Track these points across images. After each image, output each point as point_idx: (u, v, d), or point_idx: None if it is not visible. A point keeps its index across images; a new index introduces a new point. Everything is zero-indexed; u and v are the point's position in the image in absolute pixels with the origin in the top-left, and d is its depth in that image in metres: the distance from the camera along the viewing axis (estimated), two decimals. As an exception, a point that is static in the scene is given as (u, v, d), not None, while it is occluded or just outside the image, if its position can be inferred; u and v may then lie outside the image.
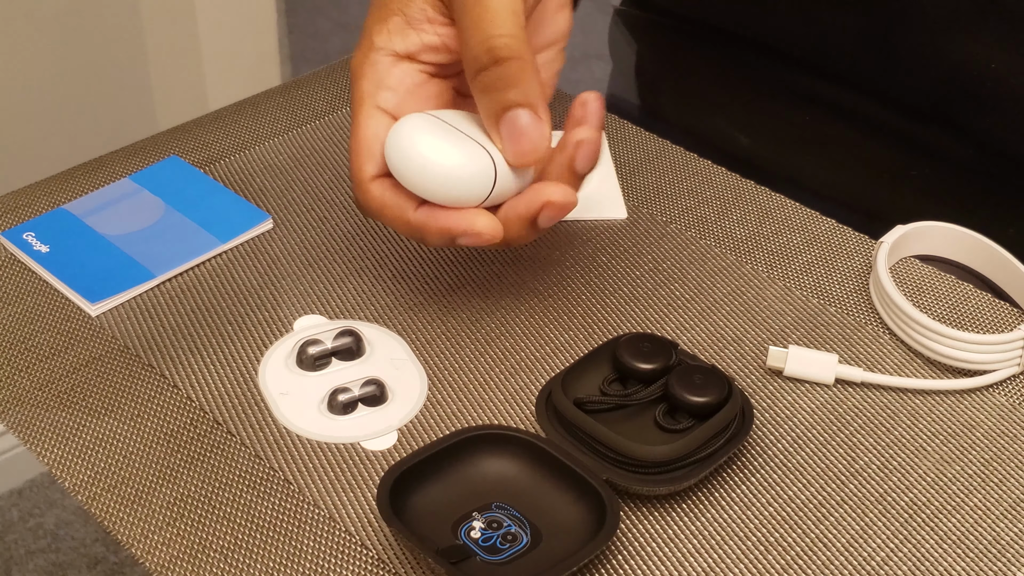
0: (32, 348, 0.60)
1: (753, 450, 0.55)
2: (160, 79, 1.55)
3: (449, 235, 0.55)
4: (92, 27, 1.45)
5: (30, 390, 0.57)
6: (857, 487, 0.53)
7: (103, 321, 0.61)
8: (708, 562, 0.50)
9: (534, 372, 0.58)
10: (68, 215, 0.67)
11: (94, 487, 0.53)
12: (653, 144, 0.74)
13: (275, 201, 0.69)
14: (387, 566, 0.49)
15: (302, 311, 0.62)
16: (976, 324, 0.61)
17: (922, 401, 0.57)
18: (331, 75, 0.80)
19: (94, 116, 1.50)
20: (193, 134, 0.74)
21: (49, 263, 0.64)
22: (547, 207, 0.54)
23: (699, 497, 0.52)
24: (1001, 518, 0.52)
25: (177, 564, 0.49)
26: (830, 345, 0.60)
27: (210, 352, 0.59)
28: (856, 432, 0.56)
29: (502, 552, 0.48)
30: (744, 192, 0.70)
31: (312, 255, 0.65)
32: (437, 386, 0.57)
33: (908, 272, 0.64)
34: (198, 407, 0.56)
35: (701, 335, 0.61)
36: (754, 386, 0.58)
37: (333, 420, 0.55)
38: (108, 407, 0.56)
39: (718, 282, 0.64)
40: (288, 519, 0.51)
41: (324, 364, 0.58)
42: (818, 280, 0.64)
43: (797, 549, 0.50)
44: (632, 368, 0.54)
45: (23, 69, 1.42)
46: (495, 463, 0.52)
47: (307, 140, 0.74)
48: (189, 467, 0.53)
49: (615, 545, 0.50)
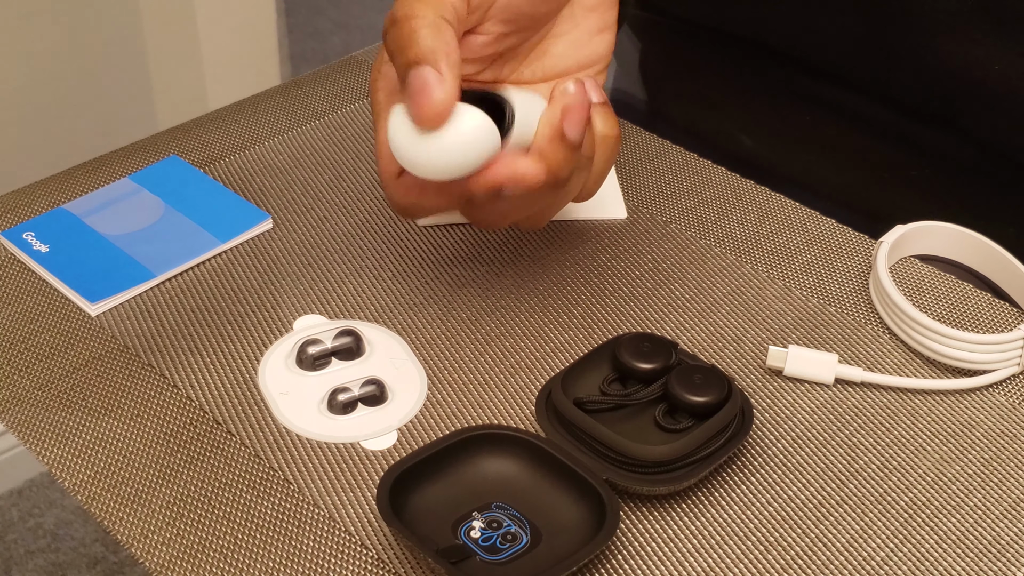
0: (32, 348, 0.60)
1: (753, 450, 0.55)
2: (160, 79, 1.55)
3: (495, 188, 0.52)
4: (92, 27, 1.45)
5: (30, 390, 0.57)
6: (857, 487, 0.53)
7: (103, 321, 0.61)
8: (708, 562, 0.50)
9: (534, 372, 0.58)
10: (68, 215, 0.67)
11: (94, 487, 0.53)
12: (653, 144, 0.74)
13: (275, 201, 0.69)
14: (387, 566, 0.49)
15: (302, 311, 0.62)
16: (976, 324, 0.61)
17: (922, 401, 0.57)
18: (331, 75, 0.80)
19: (94, 116, 1.50)
20: (193, 134, 0.74)
21: (49, 263, 0.64)
22: (567, 113, 0.52)
23: (699, 497, 0.52)
24: (1001, 518, 0.52)
25: (177, 564, 0.49)
26: (830, 345, 0.60)
27: (210, 352, 0.59)
28: (856, 432, 0.56)
29: (502, 552, 0.48)
30: (744, 192, 0.70)
31: (312, 255, 0.65)
32: (437, 386, 0.57)
33: (908, 272, 0.64)
34: (198, 407, 0.56)
35: (701, 335, 0.61)
36: (754, 386, 0.58)
37: (333, 420, 0.55)
38: (108, 407, 0.56)
39: (718, 282, 0.64)
40: (288, 519, 0.51)
41: (324, 364, 0.58)
42: (818, 280, 0.64)
43: (797, 549, 0.50)
44: (632, 368, 0.54)
45: (23, 69, 1.42)
46: (495, 463, 0.52)
47: (307, 140, 0.74)
48: (189, 467, 0.53)
49: (615, 545, 0.50)
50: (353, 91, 0.78)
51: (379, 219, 0.68)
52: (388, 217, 0.68)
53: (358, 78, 0.79)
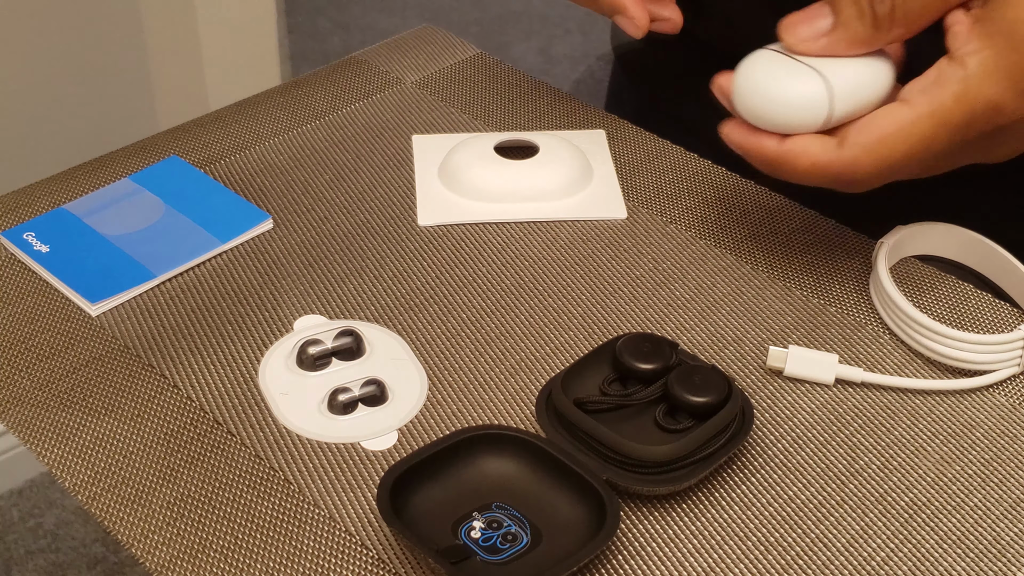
0: (32, 348, 0.60)
1: (753, 450, 0.55)
2: (160, 79, 1.55)
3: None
4: (92, 27, 1.45)
5: (30, 390, 0.57)
6: (857, 487, 0.53)
7: (103, 321, 0.61)
8: (708, 562, 0.50)
9: (534, 372, 0.58)
10: (68, 215, 0.67)
11: (94, 487, 0.53)
12: (653, 144, 0.74)
13: (275, 201, 0.69)
14: (387, 566, 0.49)
15: (302, 311, 0.62)
16: (976, 324, 0.61)
17: (922, 401, 0.57)
18: (331, 75, 0.80)
19: (94, 116, 1.50)
20: (193, 134, 0.74)
21: (49, 263, 0.64)
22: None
23: (699, 497, 0.52)
24: (1001, 518, 0.52)
25: (177, 564, 0.49)
26: (830, 345, 0.60)
27: (210, 352, 0.59)
28: (856, 432, 0.56)
29: (502, 552, 0.48)
30: (744, 192, 0.70)
31: (312, 255, 0.65)
32: (437, 386, 0.57)
33: (908, 272, 0.65)
34: (198, 407, 0.56)
35: (701, 335, 0.61)
36: (754, 386, 0.58)
37: (333, 420, 0.55)
38: (108, 407, 0.56)
39: (718, 282, 0.64)
40: (288, 519, 0.51)
41: (324, 364, 0.58)
42: (818, 280, 0.64)
43: (797, 549, 0.50)
44: (632, 368, 0.54)
45: (23, 69, 1.42)
46: (495, 463, 0.52)
47: (307, 140, 0.74)
48: (189, 467, 0.53)
49: (615, 545, 0.50)
50: (353, 91, 0.78)
51: (379, 219, 0.68)
52: (388, 217, 0.68)
53: (358, 78, 0.79)
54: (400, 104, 0.77)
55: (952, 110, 0.53)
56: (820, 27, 0.56)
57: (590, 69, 2.09)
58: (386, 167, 0.72)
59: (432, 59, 0.81)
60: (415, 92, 0.78)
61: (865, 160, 0.55)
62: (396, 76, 0.80)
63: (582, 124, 0.75)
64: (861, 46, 0.56)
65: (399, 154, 0.73)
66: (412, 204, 0.69)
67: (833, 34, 0.56)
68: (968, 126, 0.54)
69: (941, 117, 0.54)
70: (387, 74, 0.80)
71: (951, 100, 0.53)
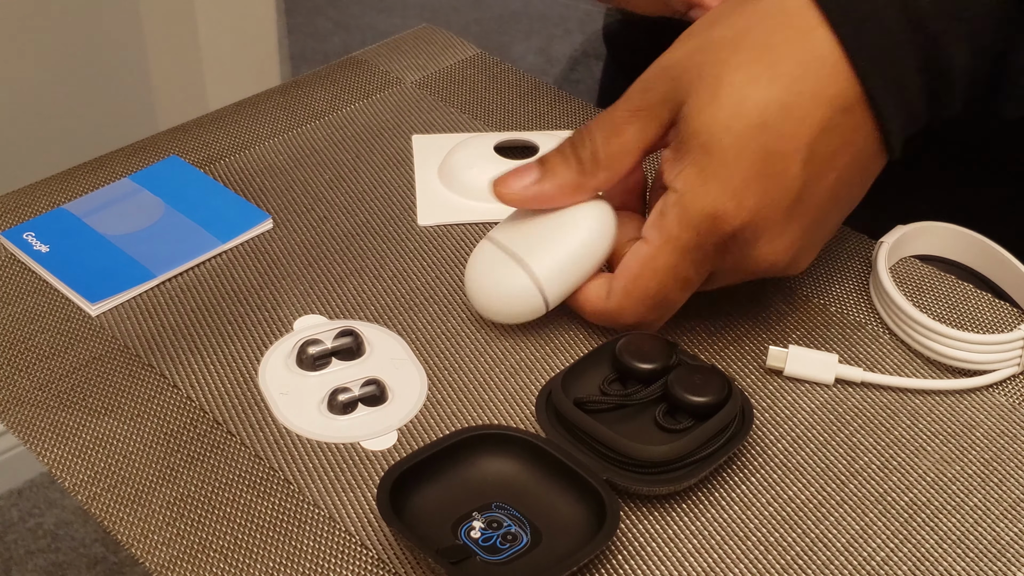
0: (32, 348, 0.60)
1: (753, 450, 0.55)
2: (160, 79, 1.55)
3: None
4: (92, 27, 1.45)
5: (30, 390, 0.57)
6: (857, 487, 0.53)
7: (103, 321, 0.61)
8: (708, 562, 0.50)
9: (534, 372, 0.58)
10: (68, 215, 0.67)
11: (94, 487, 0.53)
12: (653, 144, 0.74)
13: (275, 201, 0.69)
14: (387, 566, 0.49)
15: (302, 311, 0.62)
16: (976, 324, 0.61)
17: (922, 401, 0.57)
18: (331, 75, 0.80)
19: (94, 116, 1.50)
20: (193, 134, 0.74)
21: (49, 263, 0.64)
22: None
23: (699, 497, 0.52)
24: (1001, 518, 0.52)
25: (177, 564, 0.49)
26: (830, 345, 0.60)
27: (210, 352, 0.59)
28: (856, 432, 0.56)
29: (502, 552, 0.48)
30: (744, 192, 0.70)
31: (312, 255, 0.65)
32: (437, 386, 0.57)
33: (908, 272, 0.64)
34: (198, 407, 0.56)
35: (701, 335, 0.61)
36: (754, 386, 0.58)
37: (333, 420, 0.55)
38: (108, 407, 0.56)
39: (718, 282, 0.64)
40: (288, 519, 0.51)
41: (324, 364, 0.58)
42: (818, 280, 0.64)
43: (797, 549, 0.50)
44: (632, 368, 0.54)
45: (23, 69, 1.42)
46: (495, 463, 0.52)
47: (307, 140, 0.74)
48: (189, 467, 0.53)
49: (615, 545, 0.50)
50: (353, 91, 0.78)
51: (379, 219, 0.68)
52: (388, 217, 0.68)
53: (358, 78, 0.79)
54: (400, 104, 0.77)
55: (680, 235, 0.54)
56: (529, 180, 0.58)
57: (590, 69, 2.09)
58: (386, 167, 0.72)
59: (432, 59, 0.81)
60: (415, 92, 0.78)
61: (627, 302, 0.57)
62: (396, 76, 0.80)
63: (582, 124, 0.75)
64: (571, 192, 0.58)
65: (399, 154, 0.73)
66: (412, 204, 0.69)
67: (542, 183, 0.58)
68: (699, 246, 0.54)
69: (674, 244, 0.55)
70: (387, 74, 0.80)
71: (676, 225, 0.54)
